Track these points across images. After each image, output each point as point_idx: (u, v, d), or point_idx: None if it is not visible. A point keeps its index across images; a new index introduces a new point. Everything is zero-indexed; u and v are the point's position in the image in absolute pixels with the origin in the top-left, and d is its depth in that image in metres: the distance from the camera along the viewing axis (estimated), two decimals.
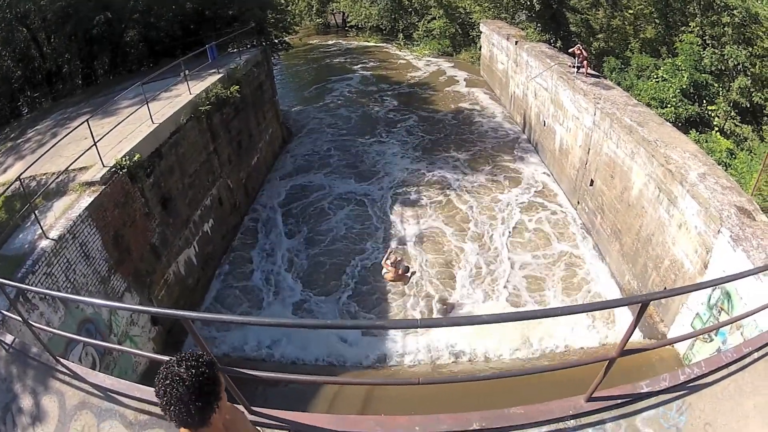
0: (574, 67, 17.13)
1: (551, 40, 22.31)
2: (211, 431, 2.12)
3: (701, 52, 16.22)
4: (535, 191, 18.42)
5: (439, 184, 19.30)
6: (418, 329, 11.95)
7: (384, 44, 41.26)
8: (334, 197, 18.83)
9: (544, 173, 19.58)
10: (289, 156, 22.63)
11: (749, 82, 15.26)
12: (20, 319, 3.97)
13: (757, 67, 15.21)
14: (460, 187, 18.99)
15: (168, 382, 2.00)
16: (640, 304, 3.00)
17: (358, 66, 35.41)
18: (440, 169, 20.39)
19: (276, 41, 24.42)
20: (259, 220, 17.73)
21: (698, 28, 17.28)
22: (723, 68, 15.89)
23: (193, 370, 2.03)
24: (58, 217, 9.16)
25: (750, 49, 15.29)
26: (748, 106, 15.51)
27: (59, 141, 10.36)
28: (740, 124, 15.47)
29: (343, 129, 24.92)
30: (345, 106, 28.08)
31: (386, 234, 16.45)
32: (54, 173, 10.00)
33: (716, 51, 16.04)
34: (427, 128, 24.45)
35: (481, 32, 30.81)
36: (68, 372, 4.04)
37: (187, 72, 14.42)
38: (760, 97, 15.24)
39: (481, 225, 16.50)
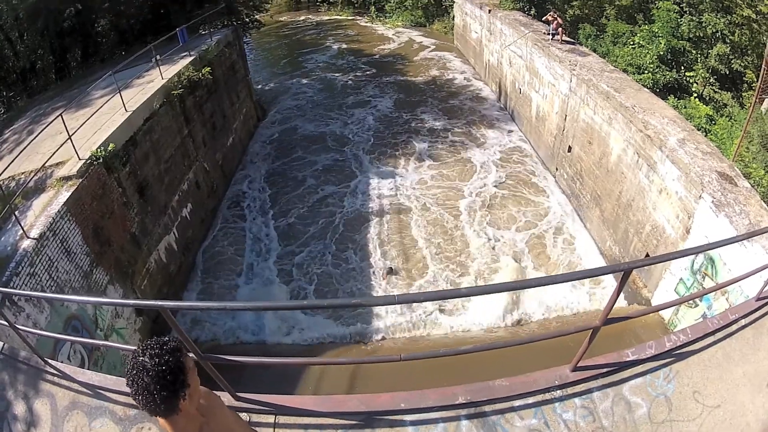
0: (548, 34, 17.04)
1: (525, 8, 22.19)
2: (182, 418, 2.08)
3: (678, 19, 16.11)
4: (512, 158, 18.53)
5: (413, 143, 19.90)
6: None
7: (356, 17, 40.84)
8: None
9: (520, 140, 19.67)
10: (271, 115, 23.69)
11: (728, 49, 15.18)
12: (7, 323, 3.87)
13: (736, 35, 15.13)
14: (433, 148, 19.48)
15: (134, 372, 1.96)
16: (622, 273, 2.98)
17: (331, 40, 35.11)
18: (414, 129, 21.14)
19: (247, 20, 24.09)
20: (240, 196, 17.74)
21: None
22: (701, 35, 15.78)
23: (157, 359, 1.97)
24: (38, 215, 8.94)
25: (729, 17, 15.17)
26: (727, 72, 15.45)
27: (34, 138, 10.09)
28: (719, 91, 15.37)
29: (319, 96, 25.44)
30: (319, 78, 28.12)
31: (363, 189, 17.26)
32: (32, 171, 9.73)
33: (694, 18, 15.91)
34: (401, 91, 25.05)
35: (453, 2, 30.65)
36: (57, 373, 3.98)
37: (158, 57, 14.06)
38: (739, 65, 15.17)
39: (458, 189, 16.71)
